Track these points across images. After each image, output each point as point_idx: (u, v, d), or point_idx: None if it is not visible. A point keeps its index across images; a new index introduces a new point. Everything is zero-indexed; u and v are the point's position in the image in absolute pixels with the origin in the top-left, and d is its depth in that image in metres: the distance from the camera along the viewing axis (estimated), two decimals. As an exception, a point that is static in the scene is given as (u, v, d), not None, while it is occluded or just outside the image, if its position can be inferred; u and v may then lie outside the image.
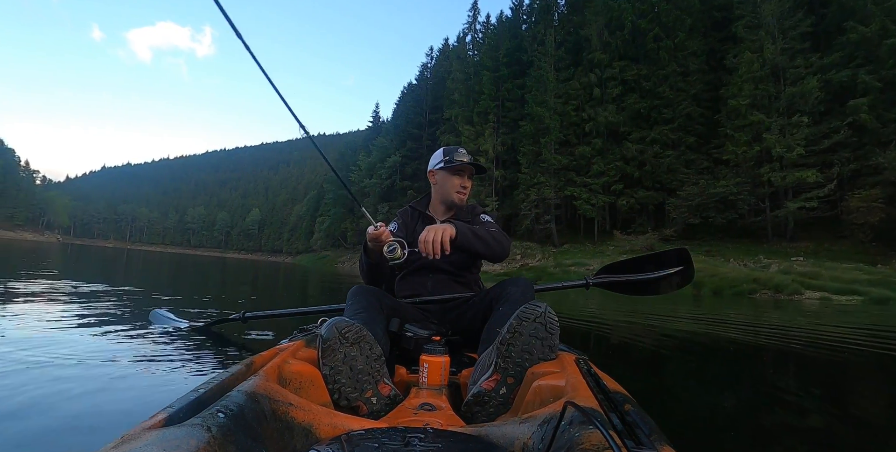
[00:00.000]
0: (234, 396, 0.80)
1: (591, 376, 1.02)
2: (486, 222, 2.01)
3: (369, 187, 49.41)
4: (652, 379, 2.66)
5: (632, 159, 28.67)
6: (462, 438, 0.84)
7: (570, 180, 30.50)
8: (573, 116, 31.69)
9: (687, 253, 2.52)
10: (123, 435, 0.62)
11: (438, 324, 1.73)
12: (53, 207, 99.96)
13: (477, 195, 34.07)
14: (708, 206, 23.76)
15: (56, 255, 17.71)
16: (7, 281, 5.32)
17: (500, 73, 37.08)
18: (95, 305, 4.09)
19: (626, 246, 24.69)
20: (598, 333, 4.54)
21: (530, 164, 32.23)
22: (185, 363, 2.20)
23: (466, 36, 46.26)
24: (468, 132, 35.89)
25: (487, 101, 36.55)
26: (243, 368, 1.06)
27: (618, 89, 30.18)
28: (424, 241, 1.61)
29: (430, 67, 51.59)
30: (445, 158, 2.01)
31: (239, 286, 9.07)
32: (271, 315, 2.98)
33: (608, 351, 3.57)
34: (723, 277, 16.03)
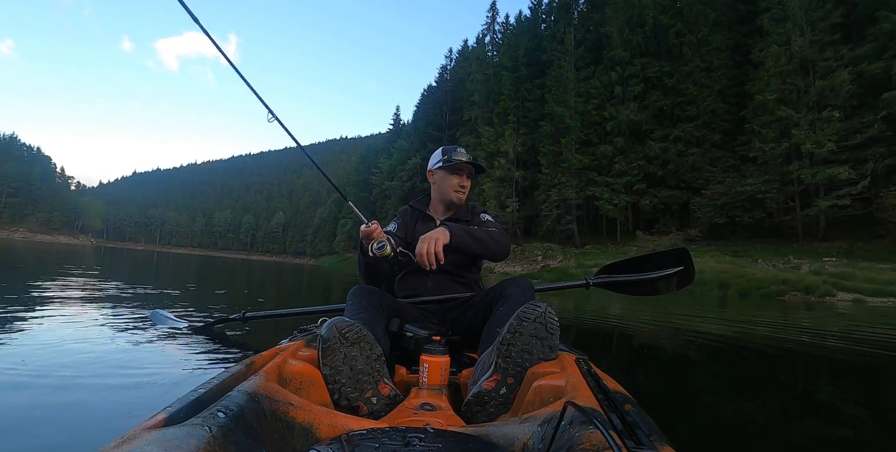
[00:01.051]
0: (234, 396, 0.81)
1: (592, 376, 1.02)
2: (486, 222, 2.01)
3: (390, 189, 49.64)
4: (676, 383, 2.60)
5: (655, 158, 28.16)
6: (462, 438, 0.84)
7: (592, 180, 30.12)
8: (594, 115, 31.30)
9: (687, 253, 2.50)
10: (123, 435, 0.62)
11: (438, 324, 1.73)
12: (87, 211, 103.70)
13: (497, 196, 33.96)
14: (734, 205, 23.13)
15: (89, 257, 18.21)
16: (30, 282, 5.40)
17: (520, 73, 36.88)
18: (106, 304, 4.13)
19: (649, 247, 24.17)
20: (621, 335, 4.46)
21: (551, 164, 31.98)
22: (185, 364, 2.20)
23: (485, 37, 46.18)
24: (488, 133, 35.82)
25: (507, 101, 36.39)
26: (243, 368, 1.06)
27: (639, 87, 29.70)
28: (419, 254, 1.64)
29: (449, 69, 51.57)
30: (444, 157, 2.01)
31: (265, 287, 9.27)
32: (271, 315, 2.99)
33: (631, 354, 3.50)
34: (750, 278, 15.53)
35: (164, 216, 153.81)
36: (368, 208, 55.05)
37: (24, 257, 13.43)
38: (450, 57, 52.14)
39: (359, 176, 60.49)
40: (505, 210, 33.48)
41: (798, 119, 21.63)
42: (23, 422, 1.36)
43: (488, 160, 35.21)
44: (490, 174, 34.56)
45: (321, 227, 79.28)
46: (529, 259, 30.07)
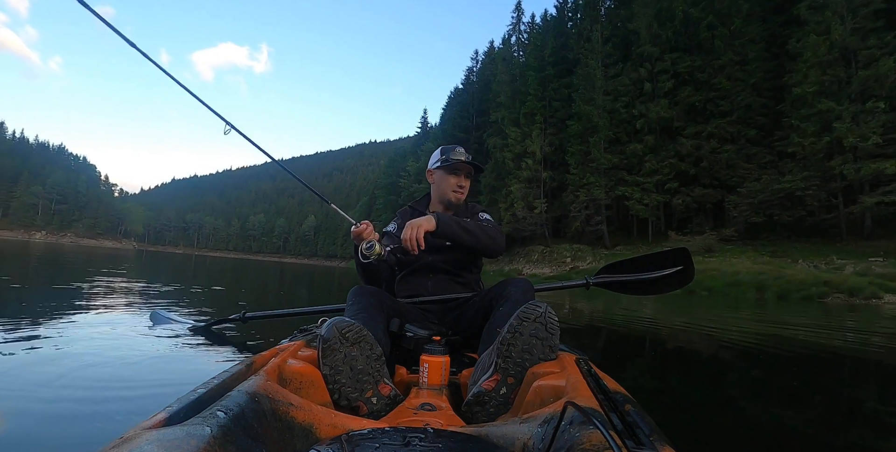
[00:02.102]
0: (234, 396, 0.80)
1: (592, 376, 1.02)
2: (484, 220, 1.99)
3: (418, 191, 49.72)
4: (712, 388, 2.52)
5: (687, 156, 27.35)
6: (462, 438, 0.84)
7: (622, 180, 29.56)
8: (623, 113, 30.68)
9: (687, 253, 2.48)
10: (123, 435, 0.62)
11: (438, 324, 1.75)
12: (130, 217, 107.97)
13: (525, 198, 33.70)
14: (772, 203, 22.21)
15: (131, 260, 18.96)
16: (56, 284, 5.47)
17: (546, 72, 36.54)
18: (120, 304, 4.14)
19: (682, 247, 23.43)
20: (653, 338, 4.39)
21: (579, 164, 31.62)
22: (185, 364, 2.21)
23: (511, 37, 45.83)
24: (515, 134, 35.63)
25: (534, 101, 36.14)
26: (243, 368, 1.06)
27: (670, 83, 28.89)
28: (403, 239, 1.69)
29: (475, 71, 51.41)
30: (442, 157, 2.00)
31: (297, 288, 9.48)
32: (271, 315, 3.00)
33: (665, 358, 3.43)
34: (789, 279, 14.84)
35: (202, 221, 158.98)
36: (397, 210, 55.08)
37: (73, 260, 14.03)
38: (476, 59, 52.02)
39: (388, 179, 60.86)
40: (533, 211, 33.15)
41: (840, 112, 20.61)
42: (22, 422, 1.35)
43: (515, 161, 35.01)
44: (517, 175, 34.33)
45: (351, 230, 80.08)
46: (558, 261, 29.63)
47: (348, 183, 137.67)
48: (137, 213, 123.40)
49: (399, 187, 54.84)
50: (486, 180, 39.95)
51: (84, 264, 11.81)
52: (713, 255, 21.33)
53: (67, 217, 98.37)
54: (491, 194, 38.85)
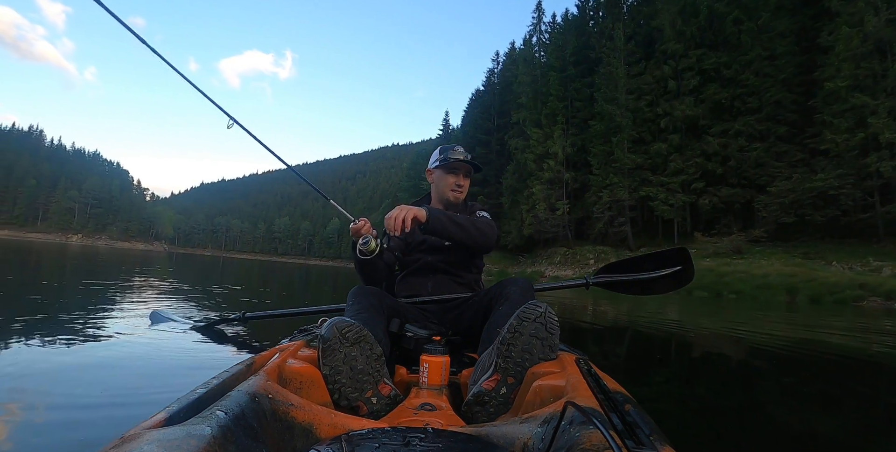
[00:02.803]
0: (234, 396, 0.80)
1: (592, 376, 1.02)
2: (481, 218, 1.95)
3: (441, 194, 49.67)
4: (741, 393, 2.47)
5: (714, 155, 26.59)
6: (462, 438, 0.84)
7: (646, 180, 28.97)
8: (647, 112, 30.07)
9: (687, 253, 2.48)
10: (123, 435, 0.62)
11: (438, 324, 1.76)
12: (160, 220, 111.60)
13: (547, 199, 33.33)
14: (804, 202, 21.36)
15: (162, 262, 19.73)
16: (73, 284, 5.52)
17: (568, 72, 36.14)
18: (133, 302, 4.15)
19: (709, 249, 22.79)
20: (680, 342, 4.31)
21: (602, 164, 31.15)
22: (186, 364, 2.21)
23: (532, 37, 45.41)
24: (536, 135, 35.32)
25: (555, 102, 35.76)
26: (244, 368, 1.07)
27: (695, 80, 28.15)
28: (387, 217, 1.63)
29: (496, 72, 51.13)
30: (441, 156, 2.01)
31: (322, 287, 9.82)
32: (272, 315, 3.05)
33: (693, 363, 3.35)
34: (822, 282, 14.26)
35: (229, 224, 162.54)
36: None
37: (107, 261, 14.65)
38: (497, 60, 51.73)
39: (410, 182, 60.93)
40: (555, 213, 32.78)
41: (875, 107, 19.72)
42: (22, 422, 1.35)
43: (537, 163, 34.68)
44: (539, 177, 34.00)
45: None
46: (581, 263, 29.20)
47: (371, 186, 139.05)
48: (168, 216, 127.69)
49: (422, 190, 54.41)
50: (507, 181, 39.69)
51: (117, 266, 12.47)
52: (741, 257, 20.68)
53: (102, 221, 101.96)
54: (512, 195, 38.56)
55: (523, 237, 35.74)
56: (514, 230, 36.71)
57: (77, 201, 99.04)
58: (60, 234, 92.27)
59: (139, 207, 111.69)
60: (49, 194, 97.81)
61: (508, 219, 38.81)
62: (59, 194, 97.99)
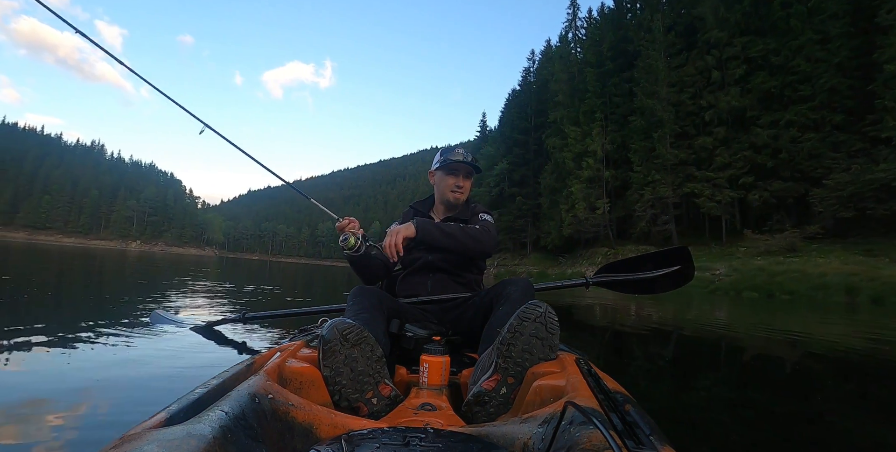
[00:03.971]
0: (234, 396, 0.80)
1: (592, 376, 1.02)
2: (483, 221, 1.98)
3: (478, 196, 49.36)
4: (799, 402, 2.35)
5: (763, 147, 25.14)
6: (462, 438, 0.84)
7: (690, 176, 27.80)
8: (689, 105, 28.87)
9: (687, 252, 2.47)
10: (123, 435, 0.63)
11: (438, 324, 1.75)
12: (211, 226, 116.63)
13: (587, 198, 32.54)
14: (865, 195, 19.75)
15: (215, 265, 21.00)
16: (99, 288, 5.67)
17: (605, 67, 35.35)
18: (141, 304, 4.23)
19: (760, 247, 21.52)
20: (730, 347, 4.16)
21: (643, 161, 30.24)
22: (186, 364, 2.21)
23: (568, 34, 44.48)
24: (574, 133, 34.66)
25: (593, 99, 35.12)
26: (244, 368, 1.07)
27: (741, 69, 26.73)
28: (383, 246, 1.73)
29: (532, 71, 50.40)
30: (441, 158, 2.02)
31: None
32: (272, 316, 3.08)
33: (743, 367, 3.22)
34: (885, 281, 13.15)
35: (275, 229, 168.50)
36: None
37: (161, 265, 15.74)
38: (532, 59, 51.00)
39: (448, 184, 60.98)
40: (595, 212, 31.99)
41: (945, 89, 18.05)
42: (21, 422, 1.35)
43: (576, 161, 33.98)
44: (578, 176, 33.29)
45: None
46: (623, 264, 28.20)
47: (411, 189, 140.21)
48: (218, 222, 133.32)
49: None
50: (545, 181, 39.05)
51: (178, 269, 13.58)
52: (796, 255, 19.41)
53: (158, 228, 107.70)
54: (551, 195, 37.85)
55: (563, 238, 34.97)
56: (554, 231, 36.06)
57: (135, 210, 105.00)
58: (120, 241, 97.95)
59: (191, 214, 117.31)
60: (110, 203, 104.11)
61: (547, 219, 38.23)
62: (119, 204, 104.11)
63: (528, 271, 33.46)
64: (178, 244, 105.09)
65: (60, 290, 5.71)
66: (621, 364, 3.12)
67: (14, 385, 1.71)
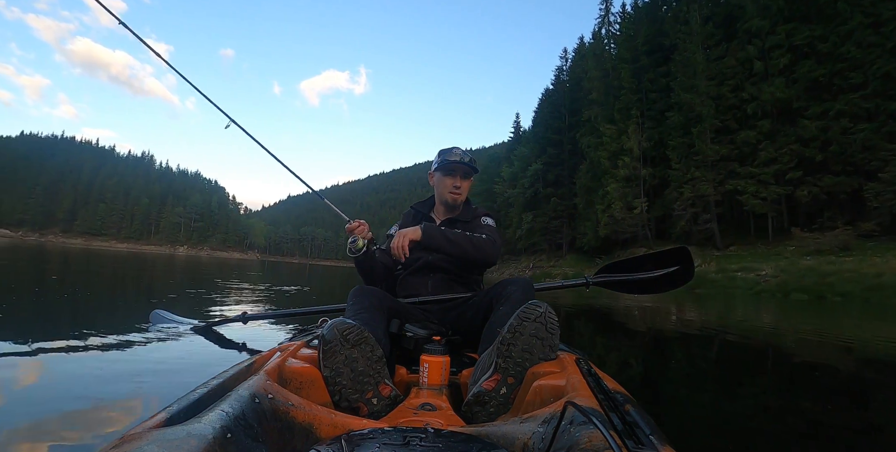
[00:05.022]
0: (234, 396, 0.80)
1: (592, 376, 1.03)
2: (484, 226, 1.99)
3: (513, 197, 48.90)
4: (855, 414, 2.23)
5: (812, 140, 23.70)
6: (462, 438, 0.84)
7: (733, 172, 26.59)
8: (730, 98, 27.59)
9: (687, 252, 2.48)
10: (123, 435, 0.63)
11: (439, 324, 1.75)
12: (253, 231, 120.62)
13: (623, 197, 31.66)
14: (926, 189, 18.32)
15: (254, 268, 21.95)
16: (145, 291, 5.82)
17: (640, 63, 34.40)
18: None
19: (810, 245, 20.28)
20: (777, 352, 4.05)
21: (682, 158, 29.13)
22: (186, 364, 2.22)
23: (601, 30, 43.50)
24: (610, 132, 33.92)
25: (628, 95, 34.23)
26: (244, 368, 1.07)
27: (785, 59, 25.25)
28: (390, 248, 1.78)
29: (565, 70, 49.57)
30: (439, 159, 2.03)
31: None
32: (272, 316, 3.15)
33: (793, 374, 3.11)
34: (951, 281, 12.06)
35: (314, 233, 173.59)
36: (494, 216, 54.49)
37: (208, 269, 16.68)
38: (565, 57, 50.13)
39: (482, 186, 60.51)
40: (632, 212, 31.07)
41: None
42: (22, 423, 1.35)
43: (611, 160, 33.18)
44: (614, 175, 32.46)
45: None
46: (662, 264, 27.20)
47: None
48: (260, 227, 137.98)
49: (494, 193, 54.35)
50: (581, 181, 38.28)
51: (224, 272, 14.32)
52: (849, 254, 18.21)
53: (204, 233, 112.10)
54: (587, 195, 37.05)
55: (599, 239, 34.12)
56: (590, 231, 35.29)
57: (182, 217, 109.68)
58: (169, 246, 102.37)
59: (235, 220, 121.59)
60: (159, 210, 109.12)
61: (583, 220, 37.49)
62: (168, 211, 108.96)
63: (564, 273, 32.74)
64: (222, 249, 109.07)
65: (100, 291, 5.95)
66: (662, 370, 3.04)
67: (14, 385, 1.71)
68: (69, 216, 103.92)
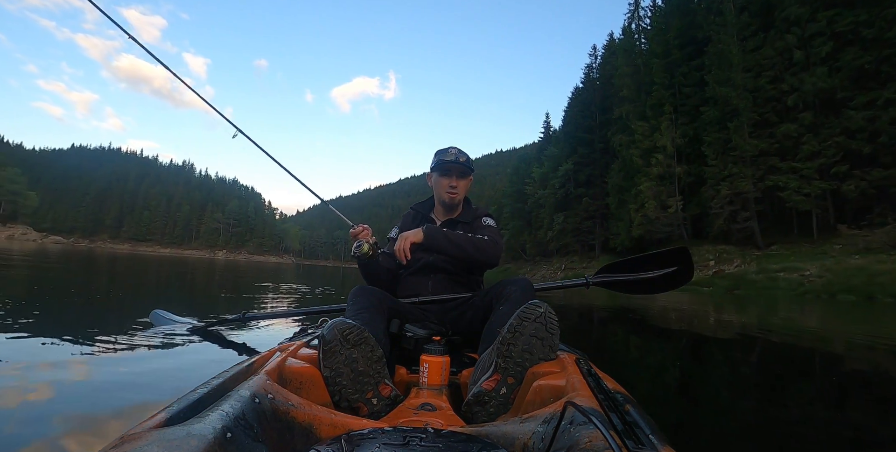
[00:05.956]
0: (234, 396, 0.81)
1: (592, 376, 1.03)
2: (485, 227, 1.99)
3: (543, 197, 48.26)
4: None
5: (858, 131, 22.37)
6: (462, 438, 0.84)
7: (773, 168, 25.42)
8: (769, 90, 26.39)
9: (687, 252, 2.49)
10: (123, 435, 0.63)
11: (439, 324, 1.76)
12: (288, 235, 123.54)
13: (657, 196, 30.78)
14: None
15: (291, 272, 22.50)
16: None
17: (672, 57, 33.40)
18: None
19: (858, 243, 19.19)
20: (825, 358, 3.87)
21: (718, 154, 28.12)
22: (186, 364, 2.22)
23: (631, 24, 42.41)
24: (642, 129, 33.11)
25: (660, 91, 33.21)
26: (244, 368, 1.06)
27: (827, 46, 23.91)
28: (394, 250, 1.79)
29: (595, 67, 48.66)
30: (435, 160, 2.05)
31: None
32: (272, 316, 3.18)
33: (842, 383, 2.92)
34: None
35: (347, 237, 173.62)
36: (524, 217, 54.31)
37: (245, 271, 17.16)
38: (594, 54, 49.26)
39: (513, 187, 60.06)
40: (667, 211, 30.12)
41: None
42: (22, 423, 1.35)
43: (644, 158, 32.34)
44: (647, 173, 31.61)
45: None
46: (699, 264, 26.23)
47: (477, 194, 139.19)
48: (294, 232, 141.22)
49: (525, 194, 53.79)
50: (613, 180, 37.43)
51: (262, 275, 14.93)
52: (902, 251, 17.06)
53: (241, 238, 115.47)
54: (619, 194, 36.17)
55: (633, 239, 33.23)
56: (623, 232, 34.47)
57: (221, 222, 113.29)
58: (208, 250, 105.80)
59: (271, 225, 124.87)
60: (199, 216, 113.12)
61: (616, 220, 36.66)
62: (207, 217, 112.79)
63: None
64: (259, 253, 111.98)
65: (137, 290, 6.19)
66: (701, 374, 2.98)
67: (13, 385, 1.71)
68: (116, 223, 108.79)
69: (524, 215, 54.86)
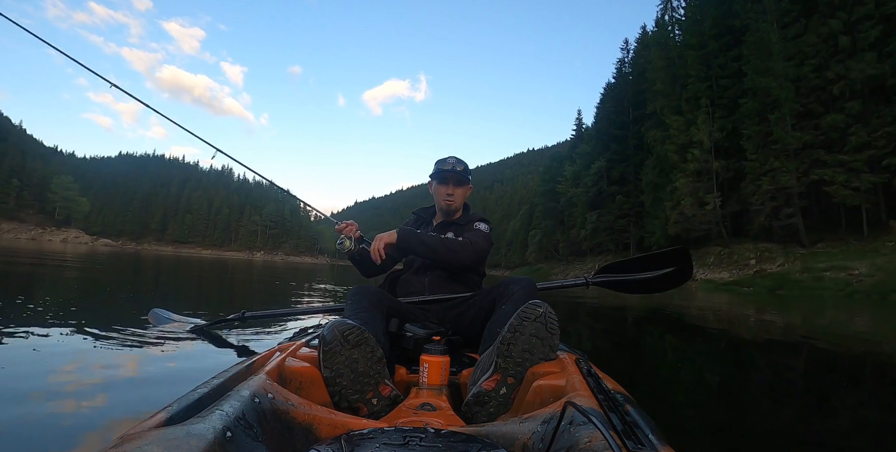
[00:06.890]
0: (234, 396, 0.81)
1: (592, 376, 1.03)
2: (474, 230, 2.02)
3: (576, 196, 47.43)
4: None
5: (912, 120, 20.91)
6: (462, 438, 0.84)
7: (818, 161, 24.25)
8: (813, 79, 25.12)
9: (686, 253, 2.52)
10: (123, 435, 0.63)
11: (438, 324, 1.77)
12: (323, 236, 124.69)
13: (694, 193, 29.75)
14: None
15: (326, 271, 23.14)
16: None
17: (708, 48, 32.24)
18: None
19: (913, 240, 17.89)
20: (877, 362, 3.69)
21: (759, 148, 27.02)
22: (186, 363, 2.21)
23: (664, 16, 41.08)
24: (676, 123, 32.14)
25: (696, 83, 32.18)
26: (244, 368, 1.06)
27: (876, 31, 22.46)
28: (370, 251, 1.87)
29: (627, 62, 47.46)
30: (435, 169, 2.11)
31: None
32: (272, 315, 3.11)
33: None
34: None
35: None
36: (557, 217, 53.54)
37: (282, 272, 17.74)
38: (626, 48, 48.03)
39: (545, 186, 59.28)
40: (704, 208, 29.10)
41: None
42: (22, 422, 1.34)
43: (679, 154, 31.39)
44: (683, 169, 30.68)
45: (513, 239, 79.96)
46: (739, 263, 25.28)
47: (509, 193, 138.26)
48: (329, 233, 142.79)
49: (557, 193, 52.99)
50: (647, 177, 36.44)
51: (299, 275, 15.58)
52: (963, 248, 15.86)
53: (278, 240, 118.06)
54: (654, 192, 35.17)
55: (668, 237, 32.17)
56: (658, 230, 33.52)
57: (259, 225, 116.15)
58: (247, 251, 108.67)
59: (306, 226, 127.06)
60: (238, 219, 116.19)
61: (651, 218, 35.74)
62: (246, 219, 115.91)
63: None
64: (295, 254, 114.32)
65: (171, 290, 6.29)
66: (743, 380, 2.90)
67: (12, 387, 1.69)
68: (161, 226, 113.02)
69: (557, 214, 54.13)
